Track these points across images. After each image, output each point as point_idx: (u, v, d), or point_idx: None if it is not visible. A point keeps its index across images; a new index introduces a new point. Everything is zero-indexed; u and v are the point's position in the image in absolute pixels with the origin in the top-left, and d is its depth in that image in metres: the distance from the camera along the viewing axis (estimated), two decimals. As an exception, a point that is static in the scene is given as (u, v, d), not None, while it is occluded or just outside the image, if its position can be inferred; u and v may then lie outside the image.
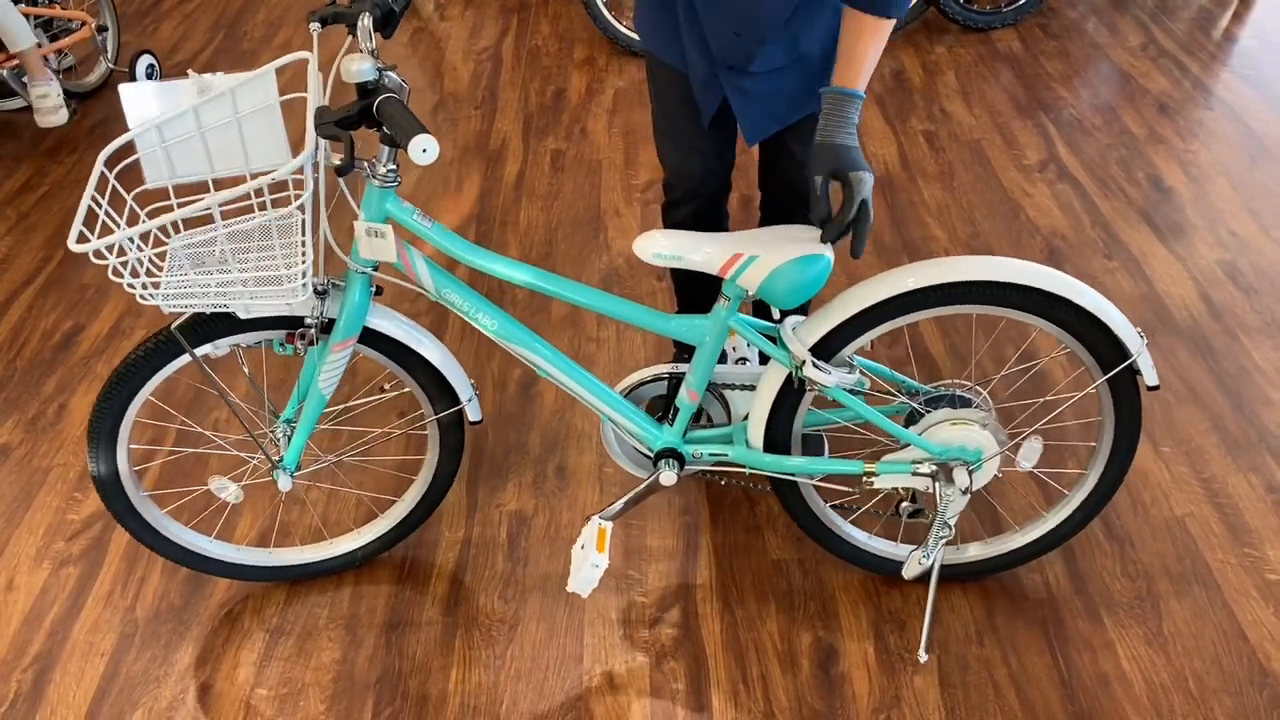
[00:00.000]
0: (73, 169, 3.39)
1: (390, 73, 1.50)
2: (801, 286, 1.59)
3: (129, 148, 1.61)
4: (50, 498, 2.25)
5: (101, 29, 3.86)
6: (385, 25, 1.57)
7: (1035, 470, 2.19)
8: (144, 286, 1.53)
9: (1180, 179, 3.07)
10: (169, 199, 1.65)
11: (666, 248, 1.60)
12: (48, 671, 1.92)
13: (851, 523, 1.97)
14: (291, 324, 1.70)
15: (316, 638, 1.96)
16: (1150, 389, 1.67)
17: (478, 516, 2.17)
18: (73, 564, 2.11)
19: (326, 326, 1.71)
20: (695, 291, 2.23)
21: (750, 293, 1.62)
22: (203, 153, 1.65)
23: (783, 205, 2.05)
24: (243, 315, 1.64)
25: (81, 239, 1.45)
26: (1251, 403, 2.32)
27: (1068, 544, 2.04)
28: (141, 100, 1.59)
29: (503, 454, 2.31)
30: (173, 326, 1.67)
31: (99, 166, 1.58)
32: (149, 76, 3.83)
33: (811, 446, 2.17)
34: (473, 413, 1.86)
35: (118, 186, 1.60)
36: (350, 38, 1.57)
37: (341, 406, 2.41)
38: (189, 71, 1.60)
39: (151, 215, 1.67)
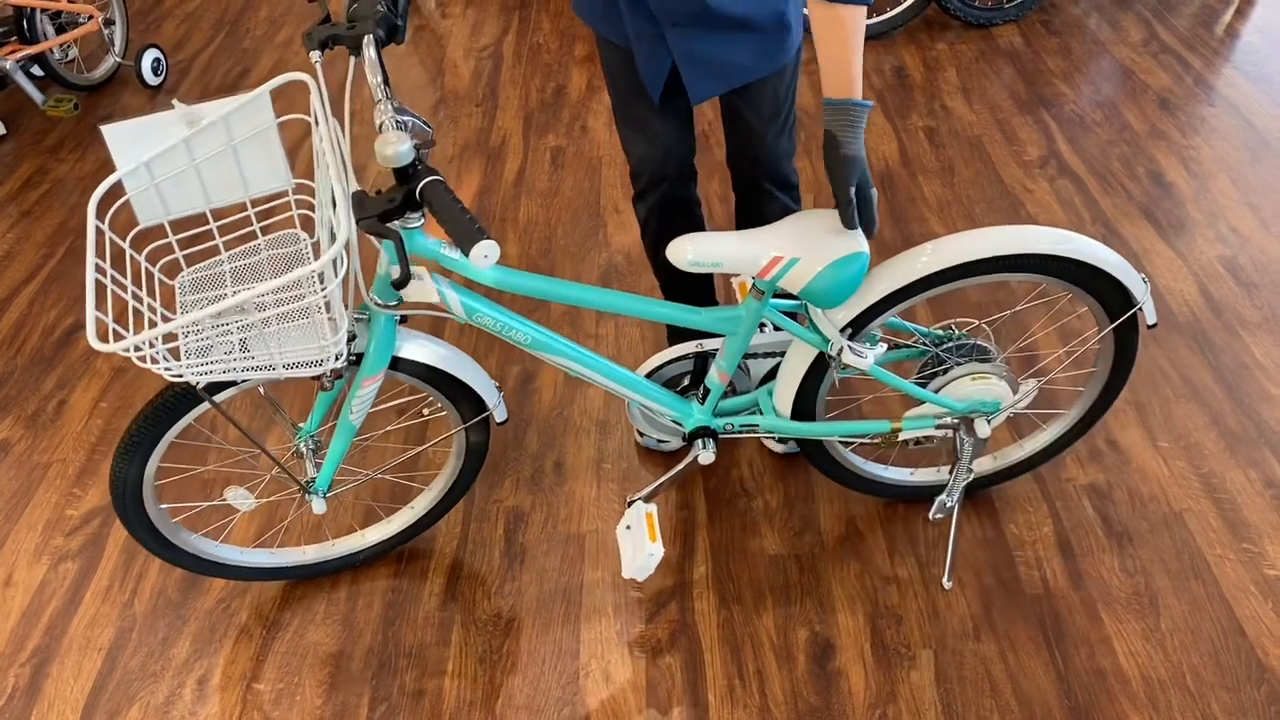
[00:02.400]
0: (75, 166, 3.40)
1: (410, 118, 1.42)
2: (843, 285, 1.59)
3: (119, 187, 1.54)
4: (49, 493, 2.26)
5: (109, 23, 3.86)
6: (391, 36, 1.51)
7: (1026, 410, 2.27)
8: (179, 370, 1.45)
9: (1181, 175, 3.06)
10: (166, 236, 1.61)
11: (702, 255, 1.57)
12: (45, 666, 1.93)
13: (874, 460, 2.12)
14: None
15: (314, 632, 1.96)
16: (1149, 327, 1.80)
17: (475, 512, 2.17)
18: (71, 559, 2.12)
19: (355, 359, 1.68)
20: (682, 282, 2.21)
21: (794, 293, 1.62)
22: (198, 185, 1.59)
23: (749, 178, 2.02)
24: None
25: (102, 328, 1.37)
26: (1251, 398, 2.32)
27: (1066, 540, 2.03)
28: (127, 139, 1.52)
29: (500, 450, 2.31)
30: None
31: (91, 220, 1.49)
32: (155, 71, 3.84)
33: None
34: (500, 414, 1.85)
35: (113, 237, 1.54)
36: (353, 59, 1.51)
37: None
38: (174, 102, 1.53)
39: (151, 256, 1.62)
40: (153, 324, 1.48)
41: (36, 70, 3.65)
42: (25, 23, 3.49)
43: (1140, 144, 3.22)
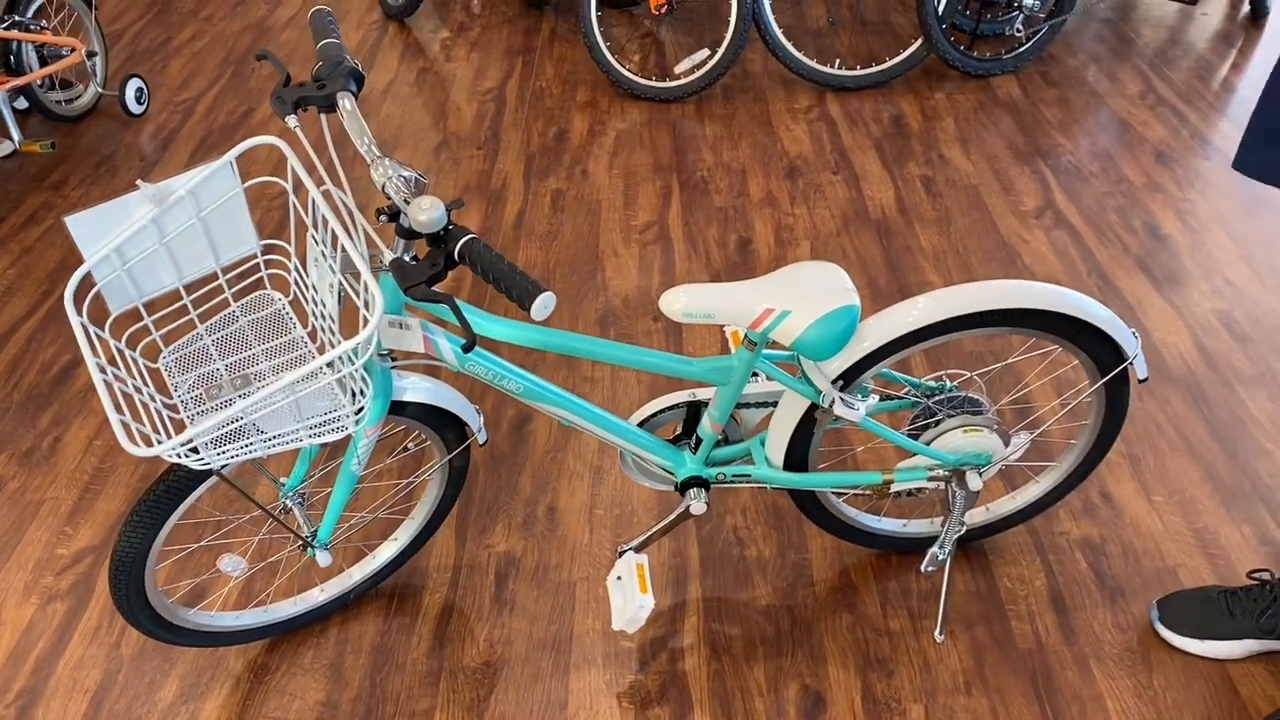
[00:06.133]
0: (78, 204, 3.42)
1: (410, 173, 1.39)
2: (835, 338, 1.59)
3: (91, 275, 1.49)
4: (41, 532, 2.25)
5: (91, 54, 3.89)
6: (360, 87, 1.50)
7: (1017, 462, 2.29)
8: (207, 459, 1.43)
9: (1177, 227, 3.08)
10: (142, 318, 1.57)
11: (694, 306, 1.58)
12: (31, 708, 1.91)
13: (866, 510, 2.12)
14: None
15: (301, 678, 1.94)
16: (1140, 381, 1.83)
17: (466, 557, 2.16)
18: (60, 599, 2.11)
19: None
20: None
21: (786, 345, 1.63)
22: (169, 262, 1.55)
23: None
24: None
25: (128, 431, 1.33)
26: (1246, 453, 2.31)
27: (1058, 594, 2.02)
28: (92, 227, 1.48)
29: (493, 494, 2.30)
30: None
31: (73, 317, 1.43)
32: (138, 100, 3.87)
33: None
34: (481, 437, 1.85)
35: (98, 332, 1.48)
36: (324, 118, 1.49)
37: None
38: (138, 182, 1.50)
39: (130, 341, 1.57)
40: (157, 413, 1.46)
41: (21, 103, 3.69)
42: (11, 56, 3.52)
43: (1137, 196, 3.24)
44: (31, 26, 3.60)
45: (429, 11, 4.75)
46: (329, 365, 1.47)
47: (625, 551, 1.90)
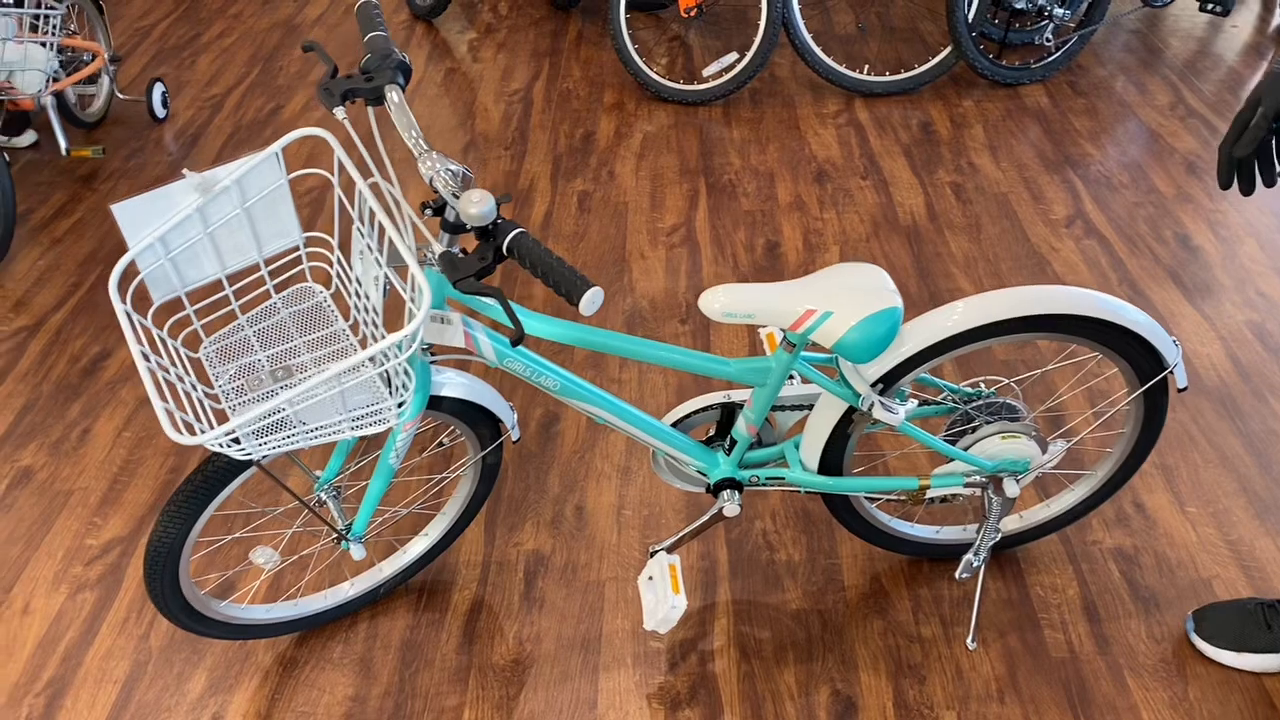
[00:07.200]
0: (108, 196, 3.44)
1: (457, 167, 1.39)
2: (876, 340, 1.58)
3: (135, 264, 1.50)
4: (70, 521, 2.26)
5: (115, 60, 3.90)
6: (408, 80, 1.50)
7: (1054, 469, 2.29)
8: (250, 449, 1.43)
9: (1208, 238, 3.06)
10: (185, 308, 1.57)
11: (734, 306, 1.58)
12: (59, 697, 1.91)
13: (899, 516, 2.11)
14: None
15: (330, 673, 1.94)
16: (1180, 390, 1.82)
17: (495, 555, 2.16)
18: (89, 589, 2.11)
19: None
20: None
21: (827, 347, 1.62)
22: (212, 252, 1.55)
23: None
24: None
25: (172, 419, 1.33)
26: (1280, 466, 2.30)
27: (1091, 603, 2.01)
28: (138, 215, 1.48)
29: (522, 492, 2.30)
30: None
31: (118, 304, 1.43)
32: (164, 104, 3.88)
33: None
34: (515, 434, 1.85)
35: (142, 321, 1.48)
36: (371, 110, 1.49)
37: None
38: (184, 171, 1.50)
39: (172, 331, 1.57)
40: (199, 402, 1.46)
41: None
42: None
43: (1167, 206, 3.22)
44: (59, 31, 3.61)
45: (456, 13, 4.76)
46: (372, 359, 1.47)
47: (657, 552, 1.89)
